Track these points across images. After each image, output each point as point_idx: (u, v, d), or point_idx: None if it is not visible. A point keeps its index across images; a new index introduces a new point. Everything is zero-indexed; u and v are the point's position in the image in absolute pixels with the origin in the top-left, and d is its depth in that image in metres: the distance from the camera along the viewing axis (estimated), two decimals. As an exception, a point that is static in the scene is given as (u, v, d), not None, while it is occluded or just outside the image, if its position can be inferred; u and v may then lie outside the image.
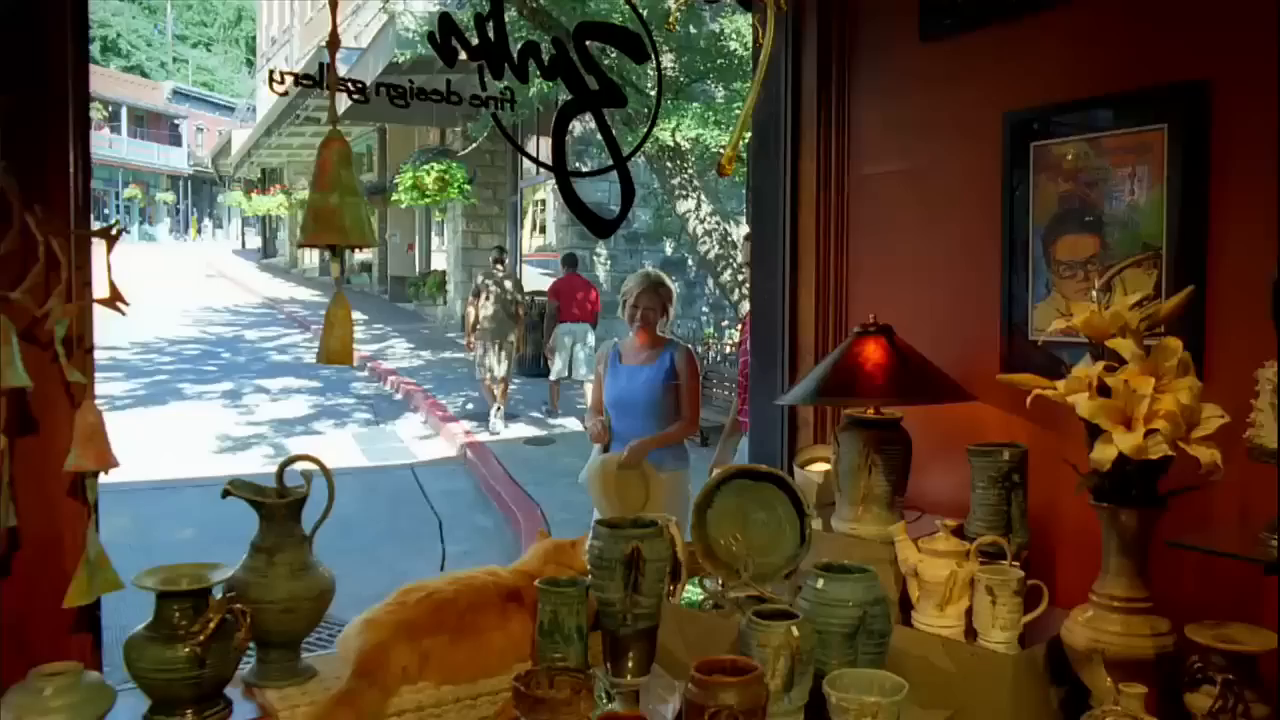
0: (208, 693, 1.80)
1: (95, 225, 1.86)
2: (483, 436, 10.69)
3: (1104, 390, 1.80)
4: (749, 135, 3.04)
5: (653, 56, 2.24)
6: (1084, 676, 1.90)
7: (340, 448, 9.80)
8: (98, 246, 1.81)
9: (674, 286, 4.89)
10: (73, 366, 1.75)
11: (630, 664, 1.91)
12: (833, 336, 2.83)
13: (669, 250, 15.77)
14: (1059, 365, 2.12)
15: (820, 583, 1.81)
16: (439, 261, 21.73)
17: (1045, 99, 2.34)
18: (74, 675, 1.66)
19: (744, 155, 3.58)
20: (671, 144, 10.50)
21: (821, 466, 2.66)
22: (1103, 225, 2.23)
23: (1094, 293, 2.02)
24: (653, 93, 9.13)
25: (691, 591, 2.30)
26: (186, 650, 1.73)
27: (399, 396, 13.33)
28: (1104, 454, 1.77)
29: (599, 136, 2.21)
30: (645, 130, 2.88)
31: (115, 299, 1.80)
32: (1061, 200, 2.30)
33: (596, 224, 2.32)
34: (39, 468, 1.75)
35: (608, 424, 4.70)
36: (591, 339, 12.02)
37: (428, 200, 16.34)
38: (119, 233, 1.80)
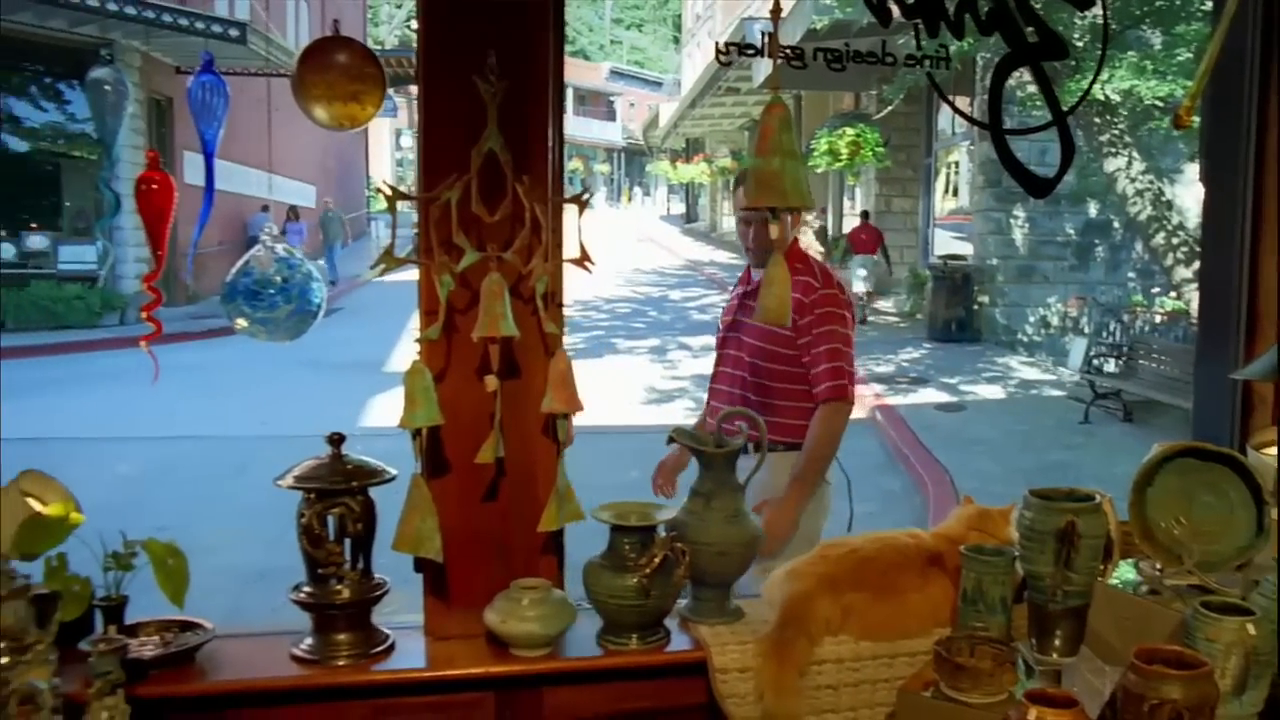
0: (650, 621, 1.99)
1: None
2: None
3: None
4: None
5: (1097, 1, 2.11)
6: None
7: (756, 406, 10.15)
8: (567, 212, 2.02)
9: None
10: (549, 319, 1.98)
11: (1057, 642, 1.85)
12: (1302, 306, 2.51)
13: (1092, 212, 14.46)
14: None
15: (1285, 578, 1.64)
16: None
17: None
18: (545, 590, 1.91)
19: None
20: (1100, 98, 9.66)
21: (1282, 450, 2.39)
22: None
23: None
24: (1078, 43, 8.42)
25: (1124, 571, 2.17)
26: (634, 580, 1.92)
27: (807, 358, 13.55)
28: None
29: (1018, 94, 2.12)
30: (1089, 80, 2.70)
31: (584, 259, 2.02)
32: None
33: (1032, 183, 2.23)
34: (520, 408, 1.99)
35: None
36: (864, 260, 16.08)
37: (841, 164, 16.34)
38: (588, 200, 2.01)
